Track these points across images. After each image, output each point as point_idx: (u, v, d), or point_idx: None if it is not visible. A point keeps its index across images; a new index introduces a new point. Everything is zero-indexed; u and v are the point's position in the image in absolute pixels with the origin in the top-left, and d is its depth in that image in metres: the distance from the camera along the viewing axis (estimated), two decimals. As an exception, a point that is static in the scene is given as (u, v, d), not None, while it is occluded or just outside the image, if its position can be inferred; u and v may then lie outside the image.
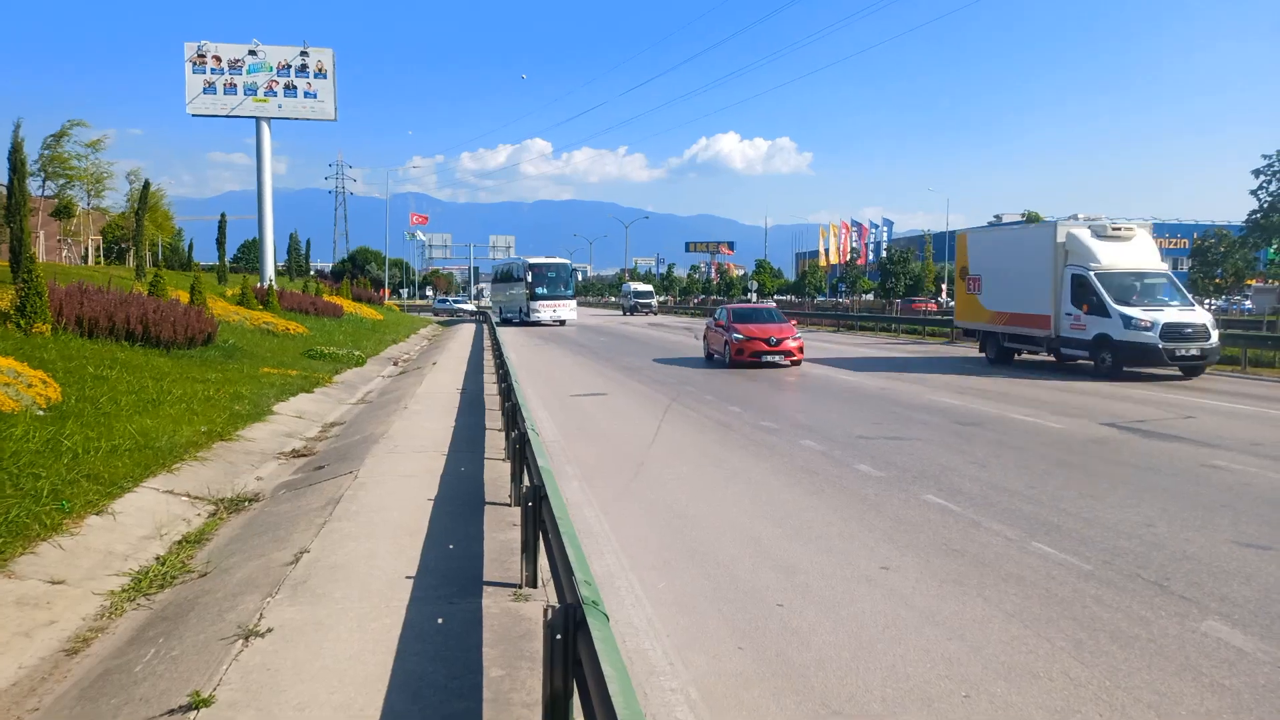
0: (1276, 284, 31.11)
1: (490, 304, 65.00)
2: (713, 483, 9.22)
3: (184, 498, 8.48)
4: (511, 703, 4.06)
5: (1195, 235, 37.13)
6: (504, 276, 57.80)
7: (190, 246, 60.69)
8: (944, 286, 69.26)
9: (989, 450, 10.63)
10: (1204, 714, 4.14)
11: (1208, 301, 38.99)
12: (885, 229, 73.55)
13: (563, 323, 47.71)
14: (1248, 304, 53.76)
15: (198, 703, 4.01)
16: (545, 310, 46.55)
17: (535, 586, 5.67)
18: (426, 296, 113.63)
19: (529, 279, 46.72)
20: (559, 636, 3.16)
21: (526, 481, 6.62)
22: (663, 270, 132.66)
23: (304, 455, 11.37)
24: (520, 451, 7.43)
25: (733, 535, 7.18)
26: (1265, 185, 27.61)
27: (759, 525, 7.48)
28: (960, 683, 4.49)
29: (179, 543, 7.31)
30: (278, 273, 49.41)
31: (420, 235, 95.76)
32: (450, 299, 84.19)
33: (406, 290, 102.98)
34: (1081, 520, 7.46)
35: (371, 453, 10.32)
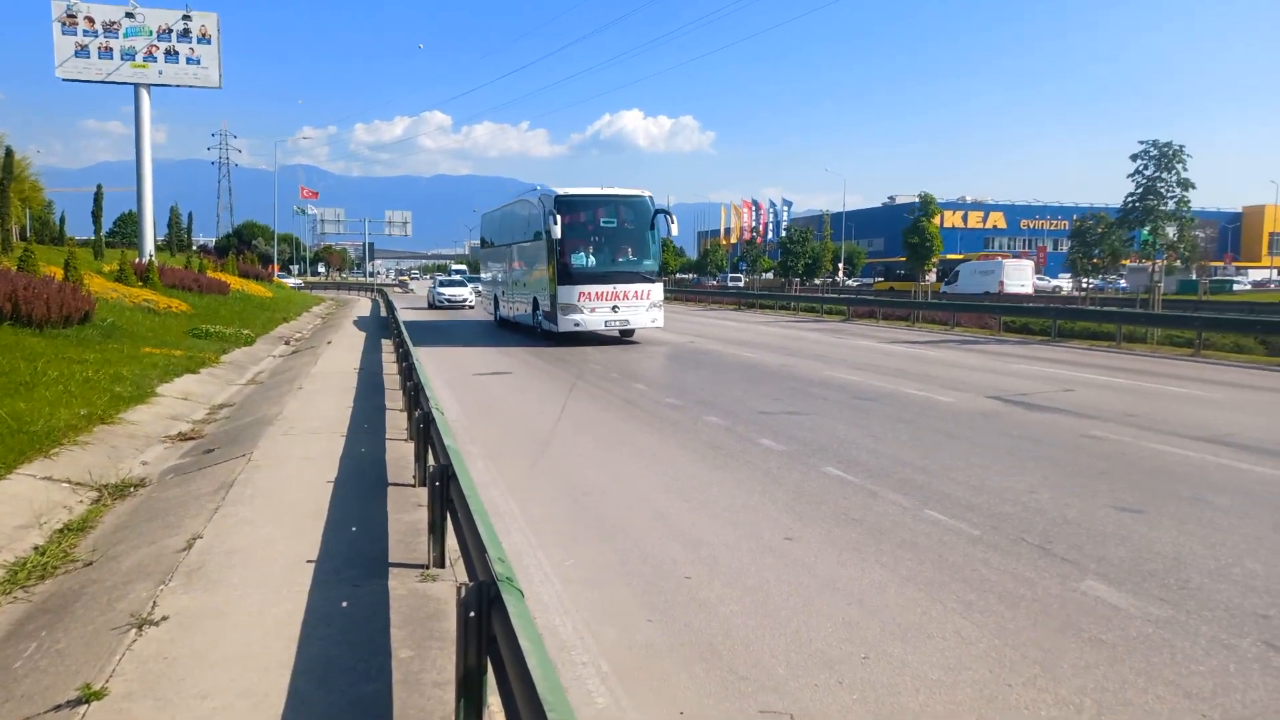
0: (1149, 264, 33.03)
1: (479, 290, 40.14)
2: (619, 459, 9.27)
3: (64, 484, 8.03)
4: (422, 682, 4.02)
5: (1075, 217, 39.06)
6: (500, 232, 29.25)
7: (62, 220, 57.09)
8: (840, 266, 71.03)
9: (884, 424, 11.00)
10: (1084, 667, 4.41)
11: (1085, 280, 41.08)
12: (785, 209, 74.87)
13: (629, 333, 23.35)
14: (1123, 283, 57.05)
15: (89, 695, 3.83)
16: (594, 308, 21.55)
17: (443, 566, 5.61)
18: (319, 273, 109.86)
19: (556, 233, 20.90)
20: (473, 614, 3.15)
21: (432, 461, 6.53)
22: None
23: (192, 438, 10.91)
24: (424, 431, 7.31)
25: (640, 510, 7.25)
26: (1142, 169, 29.22)
27: (666, 500, 7.57)
28: (860, 645, 4.66)
29: (60, 531, 6.93)
30: (158, 247, 46.97)
31: (311, 209, 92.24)
32: (441, 280, 52.26)
33: (297, 266, 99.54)
34: (970, 489, 7.81)
35: (265, 435, 9.98)
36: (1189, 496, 7.55)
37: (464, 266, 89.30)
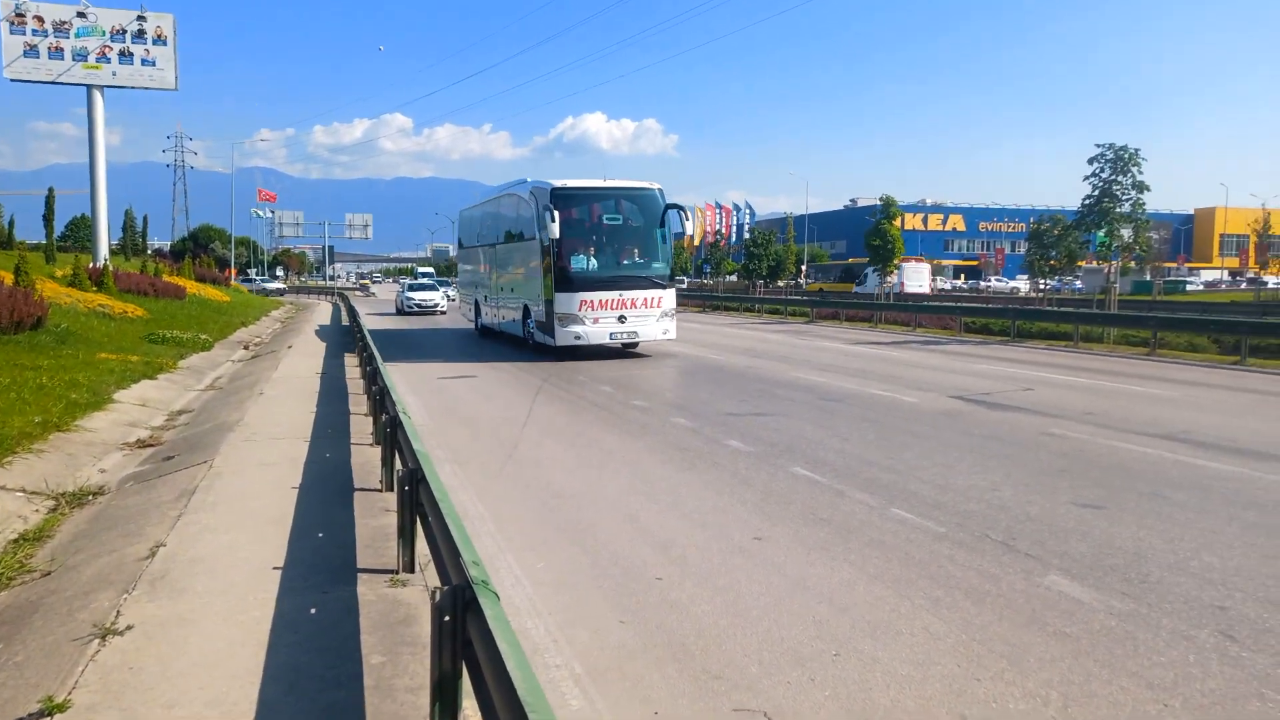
0: (1105, 265, 33.70)
1: (450, 295, 42.14)
2: (587, 462, 9.26)
3: (18, 493, 7.84)
4: (395, 688, 3.99)
5: (1032, 219, 39.77)
6: (483, 231, 26.20)
7: (11, 223, 55.58)
8: (804, 268, 71.58)
9: (850, 424, 11.11)
10: (1049, 660, 4.49)
11: (1042, 282, 41.74)
12: (748, 211, 75.27)
13: (632, 345, 20.55)
14: (1079, 284, 58.09)
15: (51, 708, 3.75)
16: (597, 319, 18.82)
17: (413, 571, 5.57)
18: (278, 276, 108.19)
19: (553, 232, 18.28)
20: (447, 618, 3.13)
21: (400, 466, 6.48)
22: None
23: (150, 445, 10.72)
24: (392, 435, 7.25)
25: (609, 513, 7.25)
26: (1098, 172, 29.78)
27: (635, 502, 7.58)
28: (830, 642, 4.71)
29: (15, 541, 6.76)
30: (112, 252, 45.94)
31: (269, 212, 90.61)
32: (410, 284, 46.38)
33: (255, 270, 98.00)
34: (935, 487, 7.91)
35: (226, 441, 9.84)
36: (1147, 492, 7.72)
37: (431, 269, 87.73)
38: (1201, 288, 73.10)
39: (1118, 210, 29.63)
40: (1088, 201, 30.24)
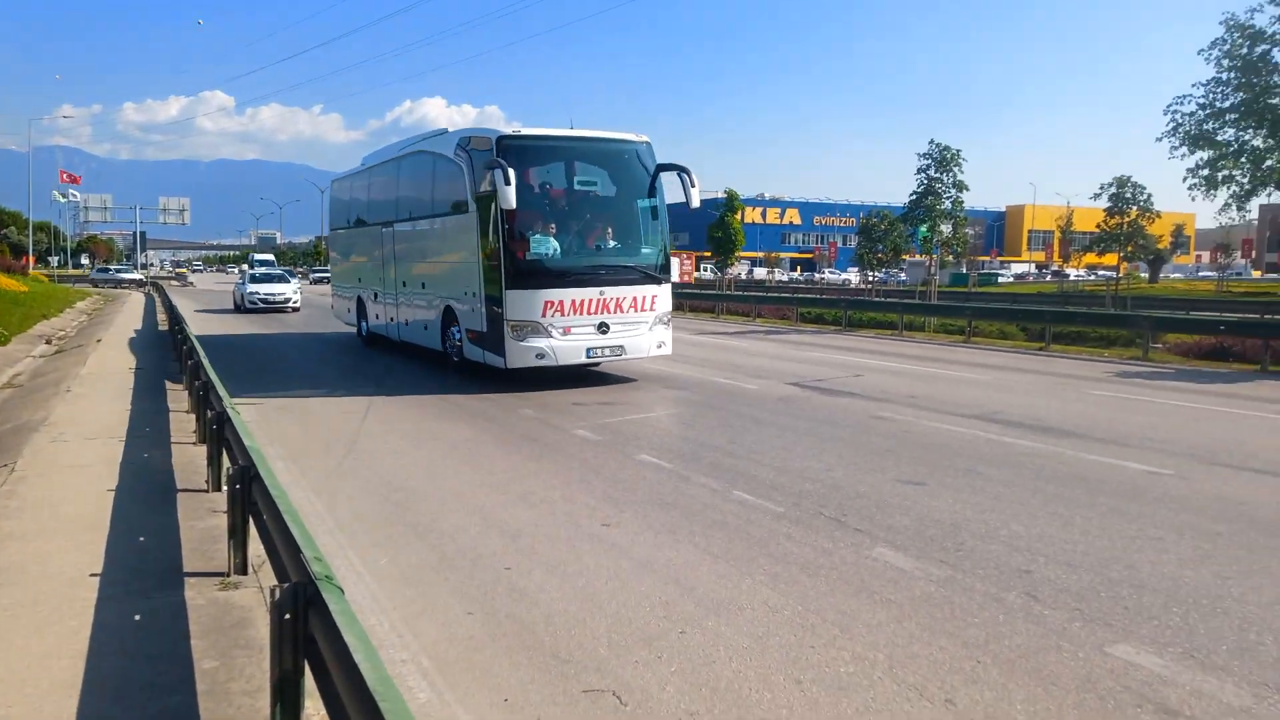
0: (927, 259, 35.93)
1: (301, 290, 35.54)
2: (432, 456, 9.11)
3: None
4: (230, 691, 3.81)
5: (862, 215, 41.89)
6: (375, 203, 19.41)
7: None
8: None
9: (694, 411, 11.41)
10: (876, 625, 4.79)
11: (870, 274, 44.08)
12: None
13: (597, 363, 14.41)
14: (903, 276, 61.64)
15: None
16: (569, 327, 13.07)
17: (245, 573, 5.32)
18: (82, 265, 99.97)
19: (507, 200, 12.00)
20: (288, 616, 3.03)
21: (229, 464, 6.17)
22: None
23: (-58, 449, 9.73)
24: (218, 433, 6.90)
25: (456, 506, 7.17)
26: (925, 169, 31.71)
27: (482, 494, 7.52)
28: (677, 621, 4.85)
29: None
30: (-112, 237, 41.21)
31: (73, 195, 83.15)
32: (253, 275, 37.06)
33: (57, 258, 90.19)
34: (774, 469, 8.25)
35: (30, 442, 9.06)
36: (964, 469, 8.33)
37: (272, 256, 79.75)
38: (1012, 280, 78.86)
39: (939, 207, 31.71)
40: (913, 197, 32.21)
